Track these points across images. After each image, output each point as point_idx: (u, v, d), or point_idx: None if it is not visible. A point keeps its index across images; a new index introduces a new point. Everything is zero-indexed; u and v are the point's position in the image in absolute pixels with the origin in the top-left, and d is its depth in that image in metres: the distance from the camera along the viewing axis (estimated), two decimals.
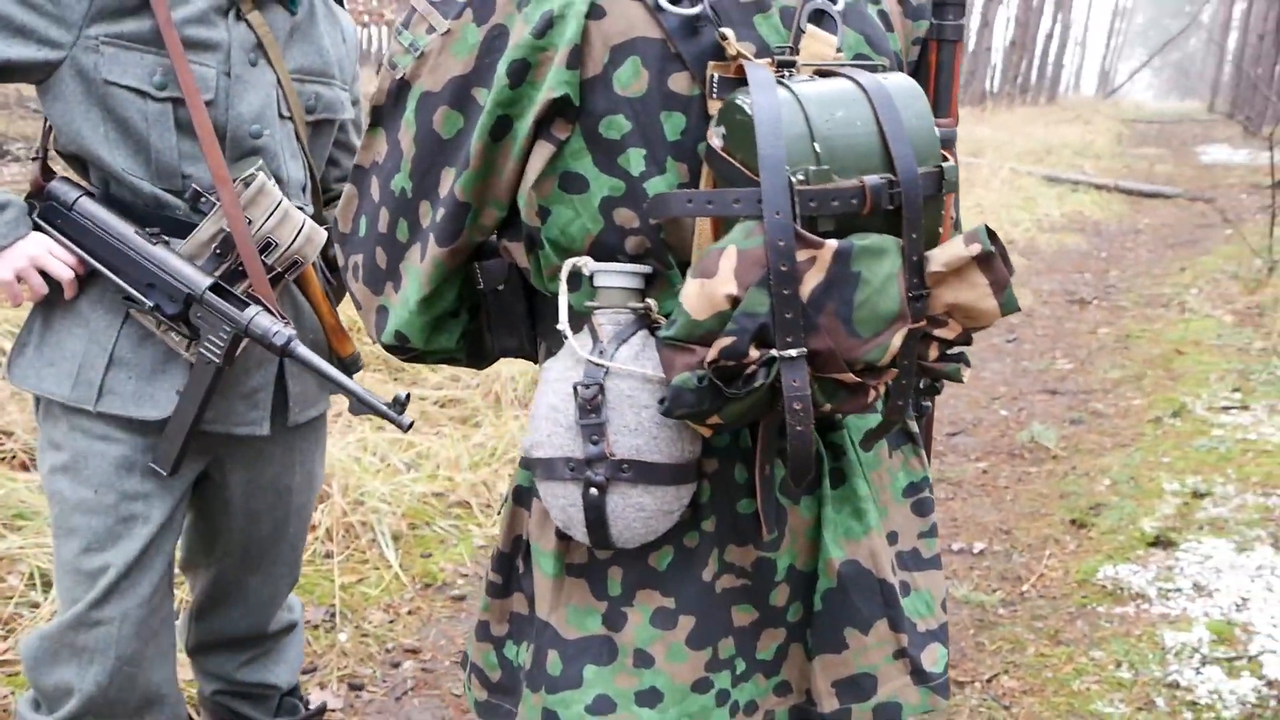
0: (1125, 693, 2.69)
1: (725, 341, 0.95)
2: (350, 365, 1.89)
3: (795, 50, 1.05)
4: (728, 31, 1.02)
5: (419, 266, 1.16)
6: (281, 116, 1.74)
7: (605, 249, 1.08)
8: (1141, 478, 4.03)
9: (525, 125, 1.06)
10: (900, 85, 1.01)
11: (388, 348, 1.22)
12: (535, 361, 1.24)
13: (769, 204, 0.94)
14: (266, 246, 1.69)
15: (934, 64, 1.17)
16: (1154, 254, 9.15)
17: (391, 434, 3.91)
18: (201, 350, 1.66)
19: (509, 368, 4.63)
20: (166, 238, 1.65)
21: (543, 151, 1.07)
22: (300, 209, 1.75)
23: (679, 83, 1.04)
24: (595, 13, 1.03)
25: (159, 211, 1.66)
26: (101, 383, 1.67)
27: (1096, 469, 4.20)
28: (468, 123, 1.09)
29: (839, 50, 1.08)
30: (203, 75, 1.64)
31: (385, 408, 1.64)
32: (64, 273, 1.65)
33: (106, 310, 1.68)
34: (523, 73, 1.05)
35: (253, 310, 1.65)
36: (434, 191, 1.13)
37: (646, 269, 1.08)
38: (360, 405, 1.66)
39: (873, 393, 1.02)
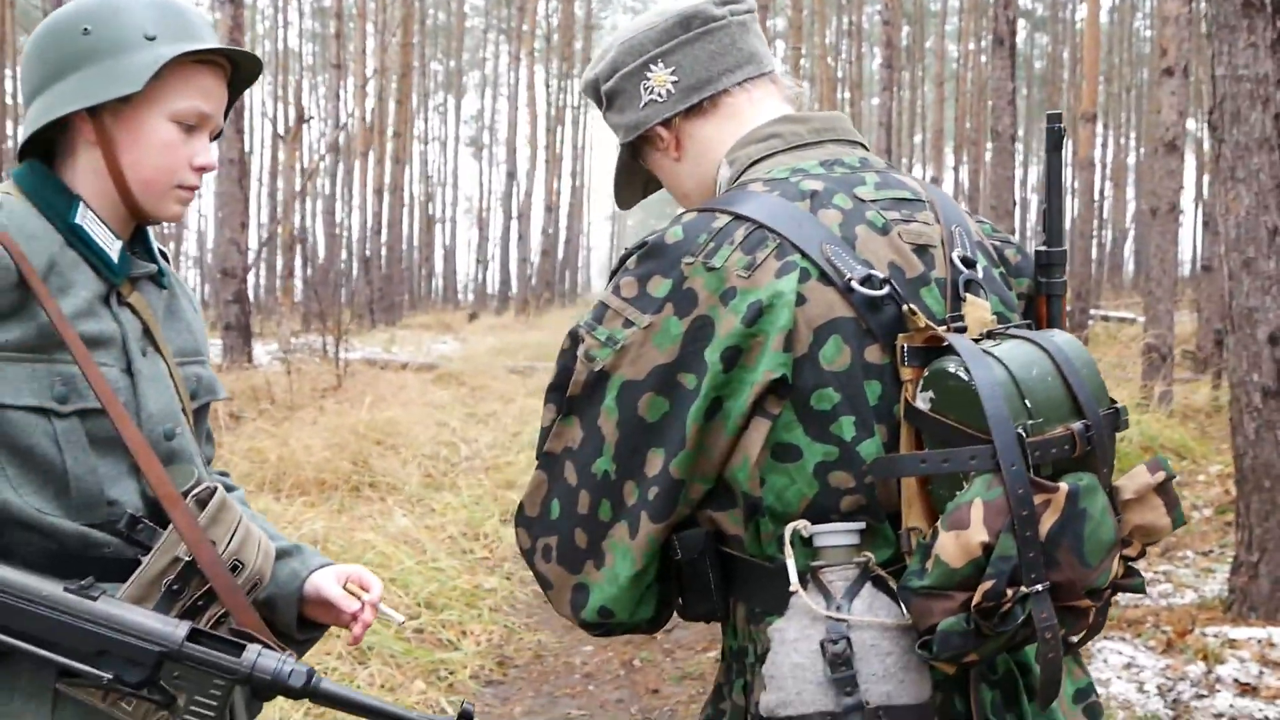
0: None
1: (988, 585, 1.05)
2: None
3: (960, 317, 1.20)
4: (914, 308, 1.16)
5: (629, 543, 1.22)
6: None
7: (820, 509, 1.17)
8: None
9: (740, 405, 1.16)
10: (1068, 341, 1.17)
11: (587, 624, 1.26)
12: (724, 623, 1.29)
13: (1005, 458, 1.06)
14: (233, 570, 1.37)
15: (1043, 317, 1.34)
16: None
17: None
18: (188, 717, 1.29)
19: None
20: (103, 586, 1.29)
21: (760, 427, 1.17)
22: None
23: (872, 354, 1.17)
24: (799, 300, 1.16)
25: (84, 554, 1.34)
26: None
27: None
28: (674, 406, 1.19)
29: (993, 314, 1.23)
30: (108, 377, 1.35)
31: None
32: None
33: (25, 699, 1.29)
34: (735, 358, 1.16)
35: (252, 652, 1.30)
36: (639, 472, 1.21)
37: (861, 525, 1.17)
38: None
39: (1092, 613, 1.13)
